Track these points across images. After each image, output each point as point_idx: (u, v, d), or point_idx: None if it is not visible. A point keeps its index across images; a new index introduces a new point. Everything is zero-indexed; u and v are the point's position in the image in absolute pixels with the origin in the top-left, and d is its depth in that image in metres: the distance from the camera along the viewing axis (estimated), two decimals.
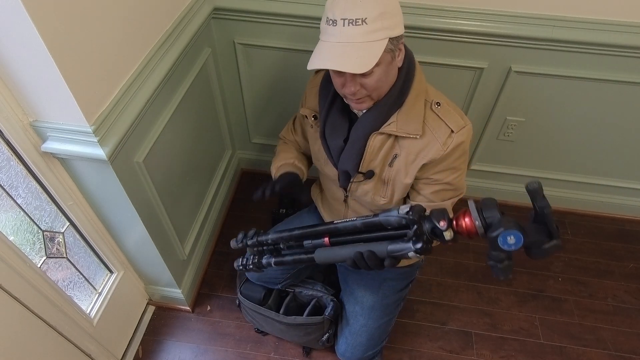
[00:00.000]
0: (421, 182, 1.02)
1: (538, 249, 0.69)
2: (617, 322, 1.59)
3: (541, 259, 0.69)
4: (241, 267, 1.05)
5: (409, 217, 0.77)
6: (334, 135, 1.00)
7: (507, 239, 0.68)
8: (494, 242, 0.69)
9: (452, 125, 0.93)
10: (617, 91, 1.44)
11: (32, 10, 0.71)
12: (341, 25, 0.78)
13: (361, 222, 0.84)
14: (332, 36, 0.80)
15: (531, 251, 0.70)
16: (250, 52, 1.54)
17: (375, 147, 0.96)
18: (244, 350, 1.50)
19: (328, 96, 0.98)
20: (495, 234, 0.69)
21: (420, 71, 0.95)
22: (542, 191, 0.69)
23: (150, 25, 1.09)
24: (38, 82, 0.83)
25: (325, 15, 0.82)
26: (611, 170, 1.76)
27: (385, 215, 0.81)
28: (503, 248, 0.69)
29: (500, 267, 0.71)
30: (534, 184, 0.68)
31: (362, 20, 0.77)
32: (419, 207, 0.78)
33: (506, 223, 0.69)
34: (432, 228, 0.76)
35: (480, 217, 0.72)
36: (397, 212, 0.79)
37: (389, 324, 1.31)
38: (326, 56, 0.81)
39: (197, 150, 1.51)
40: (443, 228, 0.74)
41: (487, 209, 0.72)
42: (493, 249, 0.70)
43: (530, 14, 1.29)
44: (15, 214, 0.99)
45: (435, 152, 0.94)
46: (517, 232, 0.67)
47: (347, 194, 1.11)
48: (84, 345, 1.25)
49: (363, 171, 1.01)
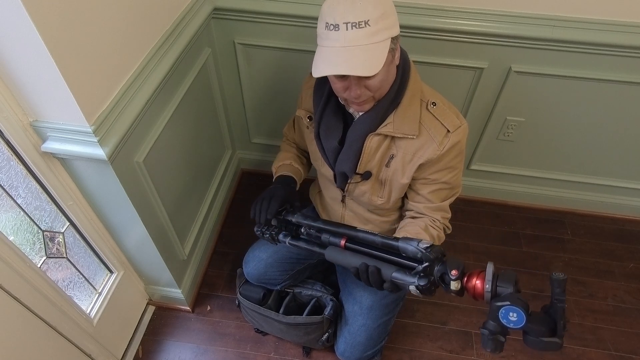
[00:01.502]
0: (419, 182, 1.02)
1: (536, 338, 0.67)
2: (617, 322, 1.59)
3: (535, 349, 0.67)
4: (258, 231, 1.07)
5: (425, 253, 0.77)
6: (329, 136, 1.00)
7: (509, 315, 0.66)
8: (495, 313, 0.68)
9: (448, 125, 0.93)
10: (617, 91, 1.44)
11: (32, 10, 0.71)
12: (344, 30, 0.77)
13: (381, 240, 0.85)
14: (336, 41, 0.79)
15: (528, 338, 0.68)
16: (250, 52, 1.54)
17: (372, 148, 0.96)
18: (244, 350, 1.50)
19: (322, 97, 0.98)
20: (500, 304, 0.67)
21: (415, 70, 0.95)
22: (564, 285, 0.65)
23: (150, 25, 1.09)
24: (38, 82, 0.83)
25: (323, 20, 0.80)
26: (611, 170, 1.75)
27: (405, 242, 0.80)
28: (502, 322, 0.68)
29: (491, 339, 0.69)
30: (560, 275, 0.65)
31: (365, 22, 0.76)
32: (438, 249, 0.78)
33: (515, 299, 0.67)
34: (443, 273, 0.75)
35: (493, 283, 0.70)
36: (417, 244, 0.79)
37: (388, 324, 1.31)
38: (334, 61, 0.79)
39: (197, 150, 1.51)
40: (453, 277, 0.73)
41: (504, 279, 0.70)
42: (492, 319, 0.69)
43: (530, 14, 1.29)
44: (15, 214, 0.99)
45: (431, 152, 0.94)
46: (522, 311, 0.65)
47: (345, 194, 1.11)
48: (84, 345, 1.25)
49: (360, 172, 1.01)
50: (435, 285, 0.76)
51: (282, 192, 1.05)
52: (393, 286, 0.81)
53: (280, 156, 1.24)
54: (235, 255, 1.76)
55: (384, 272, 0.81)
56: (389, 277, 0.80)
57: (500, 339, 0.69)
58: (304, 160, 1.29)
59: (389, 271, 0.81)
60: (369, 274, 0.82)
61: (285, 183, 1.13)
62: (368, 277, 0.83)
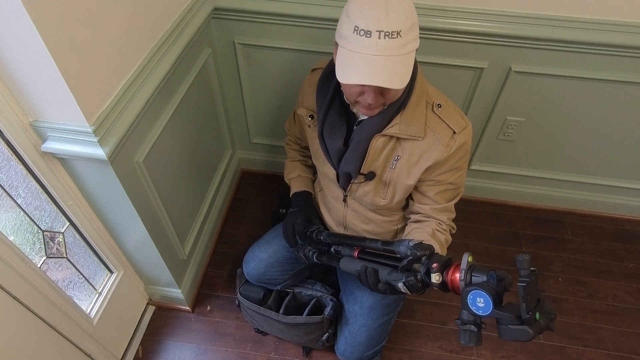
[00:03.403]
0: (425, 184, 1.02)
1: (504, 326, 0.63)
2: (617, 322, 1.59)
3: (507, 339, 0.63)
4: (296, 252, 1.21)
5: (412, 250, 0.79)
6: (333, 136, 0.99)
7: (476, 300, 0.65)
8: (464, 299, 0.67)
9: (454, 126, 0.94)
10: (617, 91, 1.44)
11: (32, 10, 0.71)
12: (377, 38, 0.75)
13: (381, 243, 0.90)
14: (368, 48, 0.76)
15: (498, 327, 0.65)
16: (250, 52, 1.54)
17: (377, 149, 0.96)
18: (244, 350, 1.50)
19: (326, 96, 0.97)
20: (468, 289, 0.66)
21: (421, 72, 0.95)
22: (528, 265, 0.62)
23: (150, 25, 1.09)
24: (38, 82, 0.83)
25: (352, 22, 0.76)
26: (611, 170, 1.75)
27: (398, 243, 0.83)
28: (471, 308, 0.66)
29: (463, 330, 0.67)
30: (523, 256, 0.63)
31: (397, 33, 0.75)
32: (427, 246, 0.79)
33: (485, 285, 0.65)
34: (427, 268, 0.75)
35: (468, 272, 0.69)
36: (407, 243, 0.81)
37: (389, 324, 1.31)
38: (365, 71, 0.77)
39: (197, 150, 1.51)
40: (433, 270, 0.74)
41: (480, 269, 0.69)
42: (464, 307, 0.67)
43: (530, 14, 1.29)
44: (15, 214, 0.99)
45: (438, 153, 0.94)
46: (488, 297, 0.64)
47: (347, 193, 1.11)
48: (84, 345, 1.25)
49: (364, 172, 1.01)
50: (421, 282, 0.76)
51: (300, 216, 1.18)
52: (387, 286, 0.84)
53: (288, 166, 1.32)
54: (235, 255, 1.76)
55: (381, 274, 0.86)
56: (384, 278, 0.84)
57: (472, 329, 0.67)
58: (309, 162, 1.30)
59: (384, 272, 0.85)
60: (367, 276, 0.88)
61: (301, 204, 1.24)
62: (367, 278, 0.88)
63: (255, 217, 1.90)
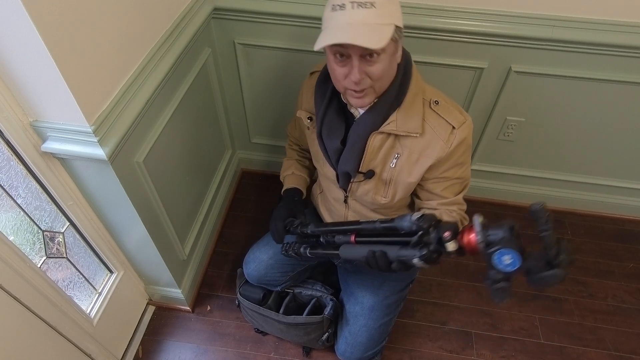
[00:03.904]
0: (430, 182, 1.02)
1: (536, 275, 0.65)
2: (617, 322, 1.59)
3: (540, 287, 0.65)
4: (284, 252, 1.17)
5: (418, 224, 0.78)
6: (331, 136, 1.00)
7: (503, 259, 0.66)
8: (490, 260, 0.67)
9: (453, 122, 0.94)
10: (617, 91, 1.44)
11: (32, 10, 0.71)
12: (350, 8, 0.78)
13: (380, 224, 0.87)
14: (342, 19, 0.79)
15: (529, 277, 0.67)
16: (250, 52, 1.54)
17: (375, 147, 0.96)
18: (244, 350, 1.50)
19: (325, 97, 0.98)
20: (492, 250, 0.67)
21: (416, 71, 0.95)
22: (544, 213, 0.64)
23: (150, 25, 1.09)
24: (38, 82, 0.83)
25: (330, 4, 0.81)
26: (611, 170, 1.75)
27: (399, 219, 0.82)
28: (498, 267, 0.67)
29: (495, 289, 0.68)
30: (536, 206, 0.64)
31: (371, 4, 0.77)
32: (431, 216, 0.79)
33: (506, 242, 0.66)
34: (439, 238, 0.76)
35: (483, 233, 0.69)
36: (409, 218, 0.80)
37: (389, 324, 1.31)
38: (337, 34, 0.79)
39: (197, 151, 1.51)
40: (447, 239, 0.74)
41: (494, 227, 0.69)
42: (490, 268, 0.68)
43: (530, 14, 1.29)
44: (15, 214, 0.99)
45: (439, 150, 0.94)
46: (514, 252, 0.65)
47: (347, 194, 1.11)
48: (84, 345, 1.25)
49: (363, 171, 1.01)
50: (436, 252, 0.77)
51: (283, 211, 1.15)
52: (400, 264, 0.83)
53: (284, 165, 1.31)
54: (235, 255, 1.77)
55: (390, 254, 0.84)
56: (395, 257, 0.82)
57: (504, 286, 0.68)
58: (306, 162, 1.29)
59: (393, 252, 0.83)
60: (377, 259, 0.85)
61: (288, 199, 1.21)
62: (377, 262, 0.85)
63: (255, 217, 1.90)
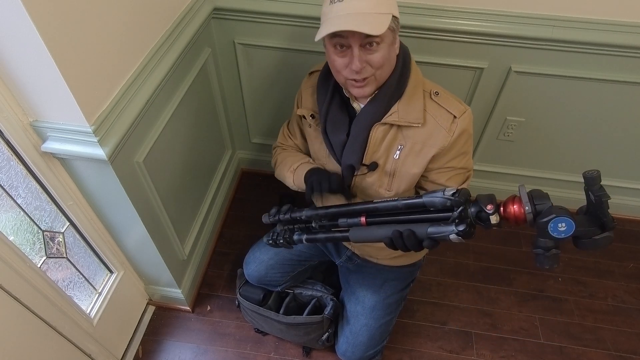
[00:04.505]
0: (434, 172, 1.02)
1: (589, 239, 0.68)
2: (617, 322, 1.59)
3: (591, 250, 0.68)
4: (270, 241, 1.09)
5: (454, 199, 0.78)
6: (336, 130, 1.00)
7: (558, 226, 0.68)
8: (544, 229, 0.69)
9: (454, 111, 0.94)
10: (617, 91, 1.44)
11: (32, 10, 0.71)
12: (348, 1, 0.80)
13: (403, 202, 0.84)
14: (340, 10, 0.81)
15: (580, 241, 0.69)
16: (250, 52, 1.54)
17: (377, 139, 0.97)
18: (244, 350, 1.50)
19: (327, 93, 0.99)
20: (547, 219, 0.69)
21: (415, 64, 0.96)
22: (599, 180, 0.67)
23: (150, 25, 1.09)
24: (38, 82, 0.83)
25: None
26: (611, 170, 1.75)
27: (429, 196, 0.81)
28: (553, 235, 0.69)
29: (548, 256, 0.71)
30: (592, 172, 0.67)
31: None
32: (465, 191, 0.79)
33: (558, 210, 0.69)
34: (478, 212, 0.76)
35: (531, 203, 0.71)
36: (442, 194, 0.79)
37: (390, 324, 1.31)
38: (336, 22, 0.81)
39: (197, 150, 1.51)
40: (490, 212, 0.74)
41: (539, 196, 0.72)
42: (541, 236, 0.70)
43: (530, 14, 1.29)
44: (15, 214, 0.99)
45: (442, 139, 0.95)
46: (569, 219, 0.67)
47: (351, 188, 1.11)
48: (84, 345, 1.25)
49: (366, 163, 1.01)
50: (474, 226, 0.77)
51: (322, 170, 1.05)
52: (432, 242, 0.81)
53: (291, 159, 1.15)
54: (235, 255, 1.76)
55: (419, 232, 0.82)
56: (425, 235, 0.81)
57: (555, 253, 0.70)
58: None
59: (422, 229, 0.81)
60: (405, 239, 0.82)
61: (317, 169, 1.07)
62: (404, 242, 0.82)
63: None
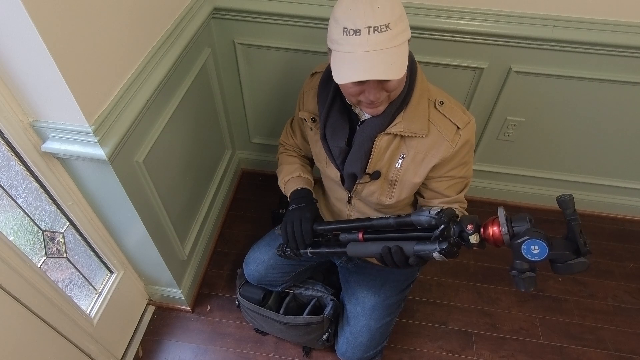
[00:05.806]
0: (434, 181, 1.03)
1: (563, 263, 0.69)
2: (617, 322, 1.59)
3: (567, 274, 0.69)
4: (280, 252, 1.14)
5: (438, 218, 0.79)
6: (336, 137, 0.99)
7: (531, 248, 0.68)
8: (518, 250, 0.70)
9: (457, 122, 0.94)
10: (617, 91, 1.44)
11: (32, 10, 0.71)
12: (367, 34, 0.75)
13: (394, 220, 0.88)
14: (360, 46, 0.77)
15: (555, 265, 0.70)
16: (250, 52, 1.54)
17: (381, 148, 0.96)
18: (244, 350, 1.50)
19: (327, 97, 0.98)
20: (520, 241, 0.69)
21: (421, 71, 0.95)
22: (572, 204, 0.68)
23: (150, 25, 1.09)
24: (38, 82, 0.83)
25: (340, 25, 0.77)
26: (611, 170, 1.75)
27: (416, 214, 0.83)
28: (526, 257, 0.69)
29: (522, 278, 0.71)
30: (565, 197, 0.68)
31: (386, 26, 0.75)
32: (450, 210, 0.81)
33: (532, 233, 0.69)
34: (460, 231, 0.77)
35: (508, 225, 0.72)
36: (428, 213, 0.81)
37: (390, 324, 1.31)
38: (360, 67, 0.78)
39: (197, 150, 1.51)
40: (470, 232, 0.75)
41: (517, 219, 0.72)
42: (516, 258, 0.71)
43: (530, 14, 1.29)
44: (15, 214, 0.99)
45: (444, 150, 0.95)
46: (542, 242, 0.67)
47: (352, 194, 1.11)
48: (84, 346, 1.25)
49: (369, 172, 1.01)
50: (456, 245, 0.78)
51: (309, 213, 1.07)
52: (418, 259, 0.83)
53: (285, 169, 1.21)
54: (235, 255, 1.76)
55: (406, 249, 0.84)
56: (412, 252, 0.83)
57: (530, 276, 0.71)
58: (309, 168, 1.27)
59: (410, 246, 0.84)
60: (393, 255, 0.85)
61: (307, 200, 1.13)
62: (392, 258, 0.85)
63: (255, 217, 1.90)
